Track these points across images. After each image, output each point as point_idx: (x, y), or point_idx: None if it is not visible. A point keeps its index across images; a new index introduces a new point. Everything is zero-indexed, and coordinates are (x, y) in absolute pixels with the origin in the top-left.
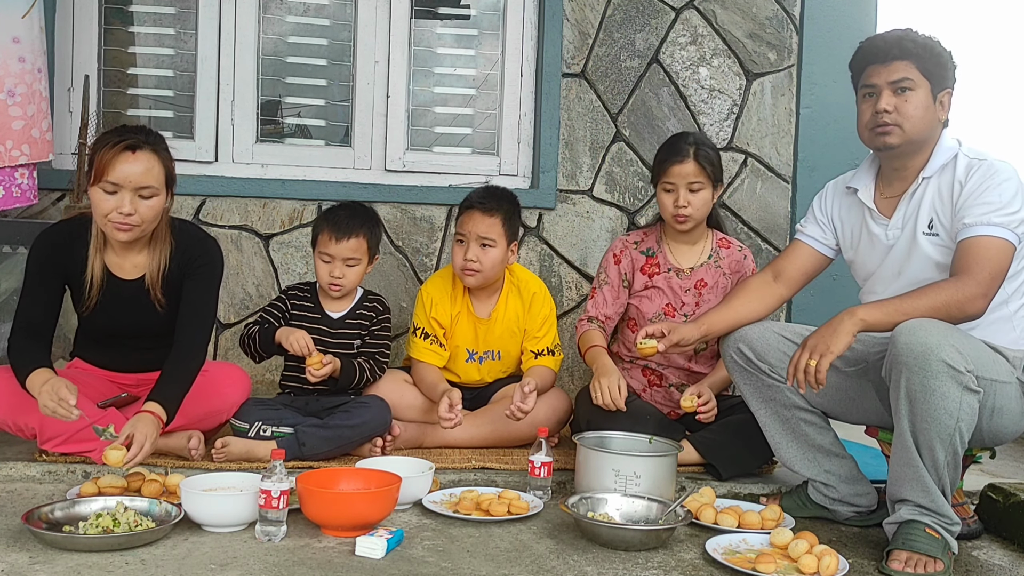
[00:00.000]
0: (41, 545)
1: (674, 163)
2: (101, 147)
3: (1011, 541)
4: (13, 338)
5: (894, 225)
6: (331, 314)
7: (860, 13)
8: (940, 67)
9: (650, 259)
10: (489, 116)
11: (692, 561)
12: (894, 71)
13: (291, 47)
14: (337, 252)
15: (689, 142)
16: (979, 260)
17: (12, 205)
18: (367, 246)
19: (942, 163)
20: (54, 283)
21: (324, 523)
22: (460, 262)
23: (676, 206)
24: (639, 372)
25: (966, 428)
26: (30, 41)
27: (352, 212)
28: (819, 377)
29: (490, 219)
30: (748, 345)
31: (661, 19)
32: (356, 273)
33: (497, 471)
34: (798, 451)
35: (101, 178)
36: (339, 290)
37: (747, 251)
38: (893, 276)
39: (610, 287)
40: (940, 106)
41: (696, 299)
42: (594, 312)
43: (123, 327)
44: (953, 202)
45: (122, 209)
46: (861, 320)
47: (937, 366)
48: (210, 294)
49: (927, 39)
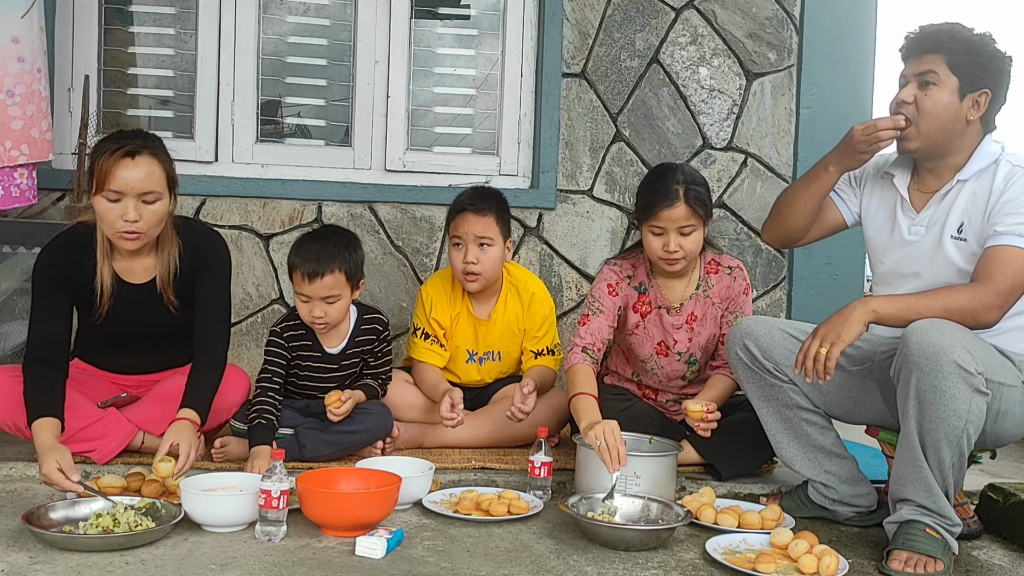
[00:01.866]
0: (41, 545)
1: (663, 207)
2: (100, 155)
3: (1011, 541)
4: (28, 364)
5: (919, 222)
6: (330, 350)
7: (860, 13)
8: (976, 66)
9: (642, 296)
10: (489, 116)
11: (692, 561)
12: (922, 64)
13: (291, 47)
14: (313, 292)
15: (678, 181)
16: (1002, 270)
17: (11, 205)
18: (345, 278)
19: (980, 167)
20: (63, 297)
21: (324, 523)
22: (460, 265)
23: (666, 251)
24: (635, 387)
25: (973, 430)
26: (29, 41)
27: (324, 244)
28: (828, 366)
29: (484, 219)
30: (754, 342)
31: (661, 19)
32: (339, 309)
33: (497, 471)
34: (799, 451)
35: (103, 187)
36: (324, 327)
37: (737, 270)
38: (912, 275)
39: (605, 316)
40: (973, 106)
41: (688, 335)
42: (589, 339)
43: (135, 331)
44: (987, 208)
45: (127, 217)
46: (873, 311)
47: (948, 367)
48: (224, 292)
49: (971, 35)
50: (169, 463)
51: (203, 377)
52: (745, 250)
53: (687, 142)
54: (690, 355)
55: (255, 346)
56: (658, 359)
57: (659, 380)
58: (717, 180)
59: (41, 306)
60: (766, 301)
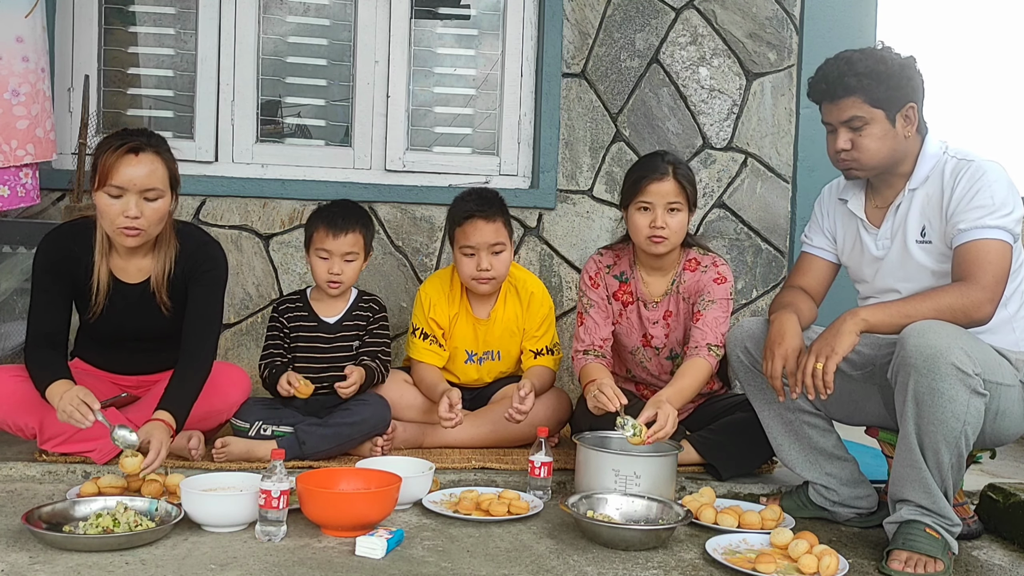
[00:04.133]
0: (41, 545)
1: (652, 181)
2: (104, 151)
3: (1011, 541)
4: (29, 350)
5: (883, 235)
6: (326, 319)
7: (860, 13)
8: (892, 89)
9: (623, 285)
10: (489, 116)
11: (692, 561)
12: (843, 110)
13: (291, 47)
14: (335, 247)
15: (667, 160)
16: (981, 265)
17: (17, 205)
18: (363, 241)
19: (927, 171)
20: (63, 288)
21: (324, 523)
22: (473, 272)
23: (653, 227)
24: (633, 386)
25: (972, 431)
26: (33, 41)
27: (346, 208)
28: (826, 379)
29: (494, 224)
30: (756, 344)
31: (661, 19)
32: (354, 269)
33: (497, 471)
34: (800, 453)
35: (105, 182)
36: (338, 287)
37: (713, 265)
38: (891, 291)
39: (597, 308)
40: (905, 122)
41: (665, 331)
42: (588, 340)
43: (128, 331)
44: (943, 208)
45: (128, 213)
46: (863, 320)
47: (946, 369)
48: (216, 300)
49: (872, 64)
50: (136, 459)
51: (184, 380)
52: (745, 250)
53: (687, 142)
54: (670, 350)
55: (255, 346)
56: (645, 351)
57: (651, 374)
58: (717, 180)
59: (41, 297)
60: (766, 301)
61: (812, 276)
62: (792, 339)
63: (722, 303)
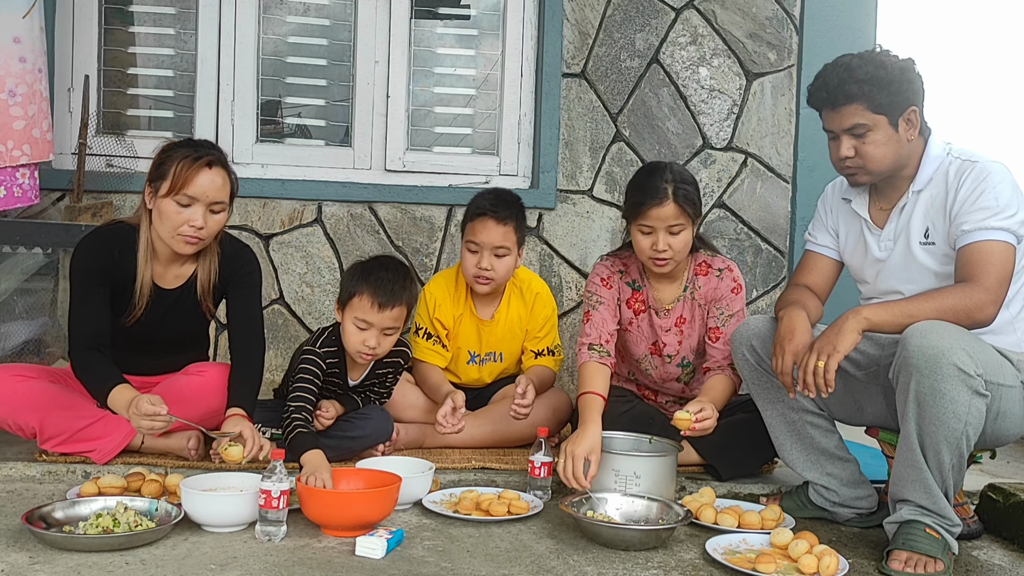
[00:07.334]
0: (41, 545)
1: (652, 206)
2: (178, 160)
3: (1011, 541)
4: (76, 353)
5: (886, 237)
6: (351, 381)
7: (860, 13)
8: (893, 94)
9: (636, 293)
10: (489, 116)
11: (692, 561)
12: (846, 118)
13: (291, 47)
14: (378, 321)
15: (667, 179)
16: (984, 266)
17: (14, 205)
18: (407, 314)
19: (931, 173)
20: (104, 290)
21: (324, 523)
22: (473, 270)
23: (655, 249)
24: (634, 387)
25: (973, 432)
26: (31, 41)
27: (395, 275)
28: (828, 378)
29: (504, 227)
30: (761, 343)
31: (661, 19)
32: (391, 342)
33: (497, 471)
34: (801, 453)
35: (178, 191)
36: (369, 359)
37: (726, 271)
38: (893, 292)
39: (605, 306)
40: (907, 126)
41: (678, 337)
42: (595, 335)
43: (157, 335)
44: (947, 209)
45: (194, 223)
46: (865, 319)
47: (948, 369)
48: (257, 301)
49: (872, 70)
50: (239, 447)
51: (247, 381)
52: (745, 250)
53: (687, 142)
54: (682, 358)
55: None
56: (652, 359)
57: (654, 381)
58: (717, 180)
59: (85, 298)
60: (766, 301)
61: (817, 274)
62: (802, 335)
63: (739, 316)
